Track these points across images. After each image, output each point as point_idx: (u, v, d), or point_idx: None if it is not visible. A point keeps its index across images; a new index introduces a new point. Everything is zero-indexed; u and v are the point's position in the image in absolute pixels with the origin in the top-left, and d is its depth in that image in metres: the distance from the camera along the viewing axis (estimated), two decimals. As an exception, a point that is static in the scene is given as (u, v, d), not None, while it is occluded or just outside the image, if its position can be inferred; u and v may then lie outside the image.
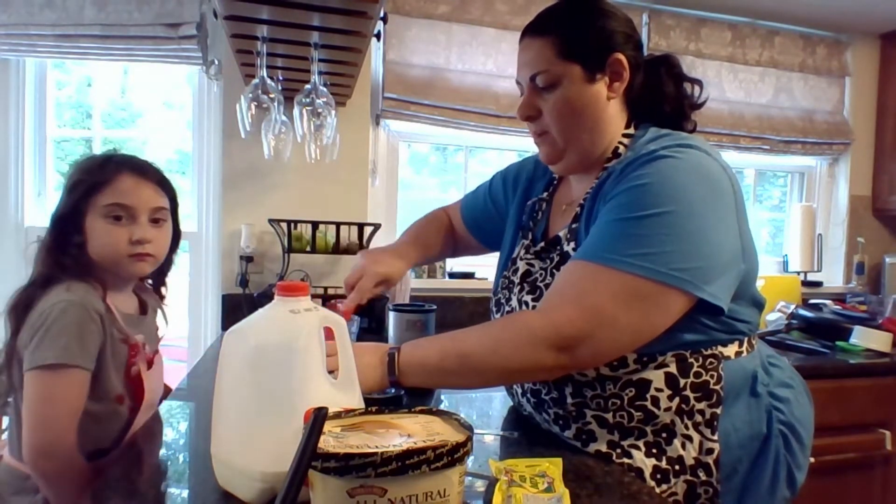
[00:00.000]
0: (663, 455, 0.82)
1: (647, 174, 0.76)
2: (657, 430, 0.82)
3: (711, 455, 0.81)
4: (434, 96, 2.16)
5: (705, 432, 0.81)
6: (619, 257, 0.73)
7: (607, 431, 0.84)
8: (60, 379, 0.93)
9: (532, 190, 1.09)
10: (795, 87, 2.67)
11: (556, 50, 0.84)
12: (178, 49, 1.95)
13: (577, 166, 0.91)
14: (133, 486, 0.78)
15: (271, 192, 2.01)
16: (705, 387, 0.81)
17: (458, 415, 0.63)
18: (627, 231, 0.74)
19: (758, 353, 0.88)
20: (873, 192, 2.79)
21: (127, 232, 1.02)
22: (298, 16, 1.23)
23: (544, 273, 0.90)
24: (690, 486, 0.81)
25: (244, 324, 0.73)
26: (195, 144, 2.14)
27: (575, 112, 0.85)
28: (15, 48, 1.95)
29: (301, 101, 1.52)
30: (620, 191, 0.77)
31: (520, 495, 0.64)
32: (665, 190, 0.74)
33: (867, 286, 2.75)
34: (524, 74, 0.88)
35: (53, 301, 0.95)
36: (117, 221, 1.01)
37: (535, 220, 1.02)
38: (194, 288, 2.17)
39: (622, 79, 0.86)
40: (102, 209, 1.00)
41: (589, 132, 0.87)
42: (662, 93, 0.90)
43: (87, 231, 1.01)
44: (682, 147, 0.78)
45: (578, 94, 0.84)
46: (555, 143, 0.89)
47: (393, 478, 0.52)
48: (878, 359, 1.91)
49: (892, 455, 1.87)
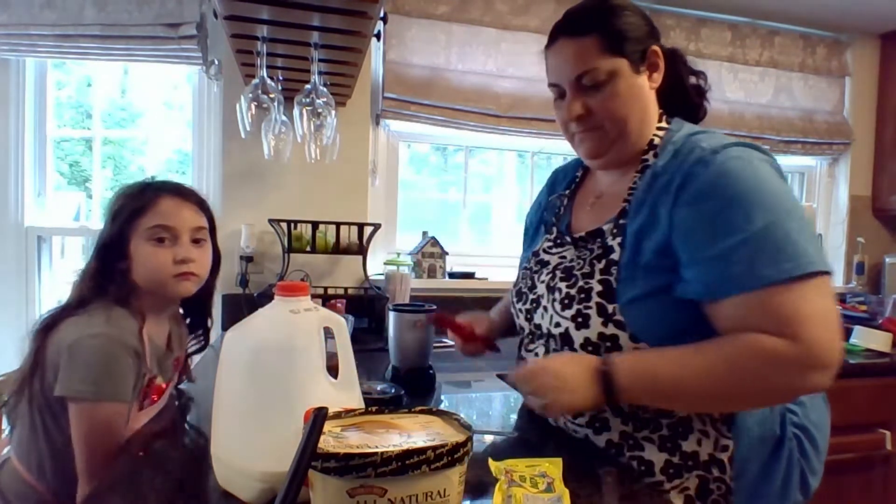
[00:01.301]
0: (677, 450, 0.82)
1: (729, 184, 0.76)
2: (673, 424, 0.82)
3: (726, 452, 0.82)
4: (434, 96, 2.16)
5: (721, 429, 0.82)
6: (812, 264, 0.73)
7: (621, 421, 0.84)
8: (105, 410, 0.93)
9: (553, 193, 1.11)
10: (795, 87, 2.67)
11: (601, 47, 0.85)
12: (178, 49, 1.95)
13: (619, 160, 0.92)
14: (133, 486, 0.77)
15: (271, 192, 2.01)
16: None
17: (458, 415, 0.63)
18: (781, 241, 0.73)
19: None
20: (873, 192, 2.79)
21: (171, 252, 1.03)
22: (298, 16, 1.23)
23: (583, 263, 0.89)
24: (703, 481, 0.81)
25: (244, 324, 0.73)
26: (195, 144, 2.14)
27: (626, 104, 0.87)
28: (15, 48, 1.95)
29: (301, 101, 1.52)
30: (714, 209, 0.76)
31: (520, 495, 0.64)
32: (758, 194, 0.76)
33: (867, 286, 2.75)
34: (567, 75, 0.88)
35: (95, 331, 0.94)
36: (160, 243, 1.03)
37: (558, 216, 1.04)
38: (194, 288, 2.16)
39: (659, 69, 0.89)
40: (146, 232, 1.02)
41: (638, 123, 0.88)
42: (684, 83, 0.94)
43: (132, 255, 1.02)
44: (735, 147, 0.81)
45: (628, 87, 0.86)
46: (604, 137, 0.89)
47: (393, 478, 0.52)
48: (878, 359, 1.91)
49: (892, 455, 1.87)
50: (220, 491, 0.72)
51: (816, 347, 0.71)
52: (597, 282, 0.85)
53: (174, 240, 1.04)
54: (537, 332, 0.96)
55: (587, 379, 0.78)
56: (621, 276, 0.83)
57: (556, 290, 0.91)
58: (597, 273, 0.85)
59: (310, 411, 0.63)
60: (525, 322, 0.99)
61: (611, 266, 0.84)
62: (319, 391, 0.69)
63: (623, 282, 0.82)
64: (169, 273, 1.03)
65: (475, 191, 2.61)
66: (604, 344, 0.84)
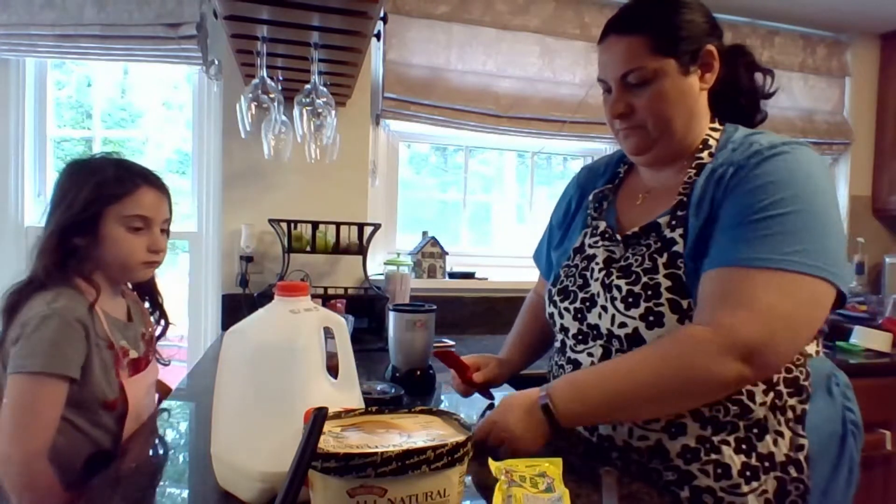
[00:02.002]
0: (753, 451, 0.80)
1: (772, 171, 0.77)
2: (749, 426, 0.81)
3: (802, 451, 0.80)
4: (434, 96, 2.16)
5: (796, 428, 0.81)
6: (777, 256, 0.72)
7: (700, 426, 0.81)
8: (41, 388, 0.93)
9: (586, 194, 1.07)
10: (795, 87, 2.67)
11: (650, 47, 0.83)
12: (178, 49, 1.95)
13: (665, 157, 0.90)
14: (133, 487, 0.77)
15: (271, 192, 2.01)
16: (796, 382, 0.82)
17: (458, 415, 0.64)
18: (773, 229, 0.73)
19: (826, 356, 0.90)
20: (873, 192, 2.79)
21: (144, 241, 1.07)
22: (298, 16, 1.23)
23: (641, 259, 0.86)
24: (781, 483, 0.80)
25: (244, 324, 0.73)
26: (195, 144, 2.14)
27: (671, 105, 0.85)
28: (15, 48, 1.95)
29: (301, 101, 1.52)
30: (747, 189, 0.77)
31: (520, 495, 0.64)
32: (797, 186, 0.75)
33: (867, 286, 2.75)
34: (614, 72, 0.87)
35: (38, 309, 0.96)
36: (135, 231, 1.06)
37: (601, 211, 1.00)
38: (194, 288, 2.17)
39: (713, 69, 0.87)
40: (123, 218, 1.04)
41: (683, 124, 0.87)
42: (739, 86, 0.91)
43: (103, 236, 1.04)
44: (792, 144, 0.80)
45: (674, 88, 0.85)
46: (647, 135, 0.88)
47: (393, 478, 0.52)
48: (878, 359, 1.91)
49: (892, 455, 1.87)
50: (220, 491, 0.72)
51: (734, 334, 0.70)
52: (663, 277, 0.82)
53: (147, 229, 1.08)
54: (592, 332, 0.91)
55: (533, 421, 0.80)
56: (688, 269, 0.80)
57: (614, 288, 0.87)
58: (661, 268, 0.83)
59: (310, 411, 0.63)
60: (574, 322, 0.94)
61: (676, 259, 0.82)
62: (319, 391, 0.69)
63: (691, 275, 0.80)
64: (139, 259, 1.07)
65: (475, 191, 2.61)
66: None
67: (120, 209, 1.04)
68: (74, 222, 1.02)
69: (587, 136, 2.35)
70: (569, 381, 0.82)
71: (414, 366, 1.27)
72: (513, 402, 0.83)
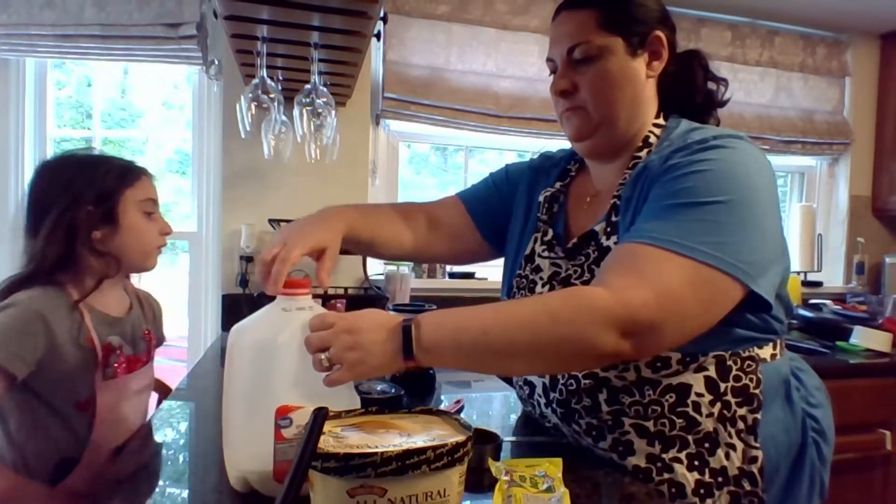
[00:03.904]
0: (706, 467, 0.77)
1: (707, 160, 0.73)
2: (700, 440, 0.78)
3: (755, 463, 0.77)
4: (434, 96, 2.16)
5: (748, 439, 0.78)
6: (691, 244, 0.68)
7: (647, 443, 0.79)
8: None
9: (538, 184, 1.03)
10: (795, 87, 2.66)
11: (599, 22, 0.82)
12: (178, 49, 1.95)
13: (606, 147, 0.88)
14: (134, 487, 0.78)
15: (271, 192, 2.01)
16: (745, 391, 0.78)
17: (458, 415, 0.64)
18: (695, 217, 0.70)
19: (787, 358, 0.86)
20: (873, 192, 2.79)
21: (157, 225, 1.10)
22: (298, 16, 1.23)
23: (580, 270, 0.85)
24: (734, 497, 0.77)
25: (246, 322, 0.74)
26: (195, 144, 2.14)
27: (615, 85, 0.83)
28: (15, 48, 1.95)
29: (301, 101, 1.52)
30: (678, 175, 0.74)
31: (520, 495, 0.64)
32: (727, 177, 0.72)
33: (867, 286, 2.75)
34: (561, 47, 0.85)
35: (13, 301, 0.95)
36: (149, 216, 1.09)
37: (552, 214, 0.96)
38: (194, 288, 2.17)
39: (661, 58, 0.85)
40: (138, 203, 1.06)
41: (626, 109, 0.84)
42: (694, 84, 0.88)
43: (123, 226, 1.04)
44: (733, 137, 0.76)
45: (619, 68, 0.82)
46: (588, 117, 0.85)
47: (393, 478, 0.52)
48: (878, 359, 1.91)
49: (892, 455, 1.87)
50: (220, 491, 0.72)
51: (627, 307, 0.65)
52: None
53: (156, 213, 1.11)
54: None
55: (388, 341, 0.68)
56: None
57: None
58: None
59: (282, 408, 0.64)
60: None
61: None
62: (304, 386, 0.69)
63: None
64: (155, 244, 1.10)
65: (475, 191, 2.61)
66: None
67: (134, 194, 1.06)
68: (91, 215, 1.01)
69: (587, 136, 2.35)
70: (444, 313, 0.72)
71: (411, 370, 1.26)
72: (374, 313, 0.72)
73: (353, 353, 0.66)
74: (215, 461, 0.79)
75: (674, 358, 0.76)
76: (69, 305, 0.99)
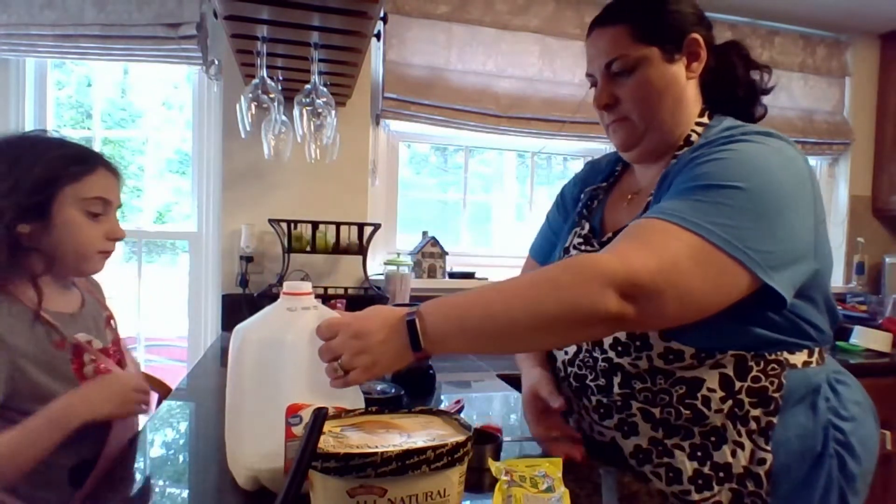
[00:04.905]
0: (708, 459, 0.78)
1: (727, 150, 0.74)
2: (706, 433, 0.78)
3: (763, 466, 0.77)
4: (434, 96, 2.16)
5: (758, 441, 0.77)
6: (700, 222, 0.68)
7: (651, 427, 0.80)
8: None
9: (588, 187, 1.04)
10: (795, 87, 2.67)
11: (632, 35, 0.83)
12: (178, 49, 1.95)
13: (654, 151, 0.88)
14: (133, 487, 0.78)
15: (271, 192, 2.01)
16: (763, 393, 0.77)
17: (458, 415, 0.64)
18: (707, 198, 0.70)
19: (826, 368, 0.84)
20: (873, 192, 2.79)
21: (103, 228, 0.97)
22: (298, 16, 1.23)
23: None
24: (736, 495, 0.77)
25: (249, 322, 0.74)
26: (195, 144, 2.14)
27: (655, 93, 0.84)
28: (15, 48, 1.95)
29: (301, 101, 1.52)
30: (699, 163, 0.74)
31: (520, 495, 0.64)
32: (746, 166, 0.71)
33: (867, 286, 2.75)
34: (599, 63, 0.87)
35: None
36: (94, 217, 0.96)
37: (591, 209, 0.98)
38: (194, 288, 2.17)
39: (700, 58, 0.85)
40: (82, 202, 0.94)
41: (670, 113, 0.85)
42: (735, 76, 0.88)
43: (55, 223, 0.92)
44: (762, 135, 0.76)
45: (659, 76, 0.83)
46: (634, 128, 0.87)
47: (393, 478, 0.52)
48: (878, 359, 1.91)
49: (892, 455, 1.87)
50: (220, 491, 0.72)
51: (628, 266, 0.64)
52: None
53: (105, 215, 0.98)
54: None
55: (394, 338, 0.68)
56: None
57: None
58: None
59: (292, 406, 0.64)
60: None
61: None
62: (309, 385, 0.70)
63: None
64: (96, 248, 0.97)
65: (475, 191, 2.61)
66: (633, 343, 0.79)
67: (78, 190, 0.93)
68: (21, 207, 0.89)
69: (587, 136, 2.35)
70: (446, 300, 0.71)
71: (414, 366, 1.26)
72: (378, 311, 0.72)
73: (363, 358, 0.67)
74: (215, 461, 0.79)
75: (687, 352, 0.76)
76: (25, 314, 0.91)
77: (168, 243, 1.59)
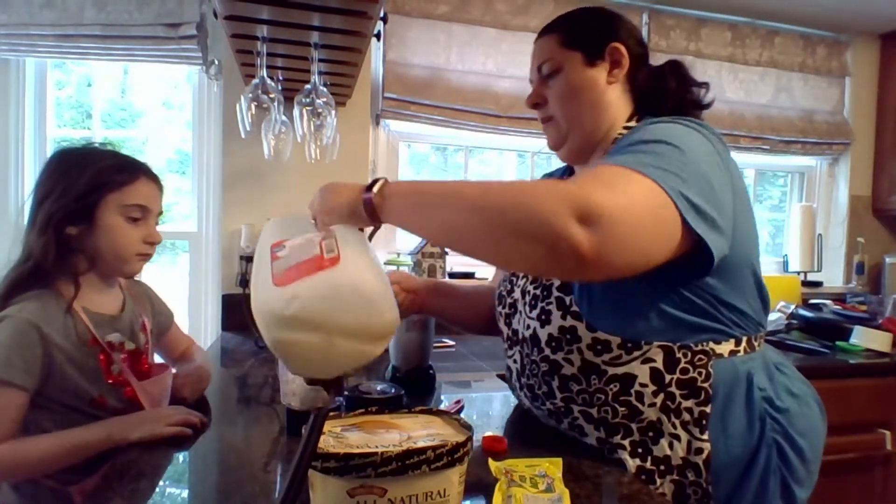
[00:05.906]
0: (649, 455, 0.82)
1: (653, 128, 0.78)
2: (643, 429, 0.82)
3: (701, 455, 0.80)
4: (434, 96, 2.16)
5: (694, 431, 0.80)
6: (645, 168, 0.68)
7: (594, 428, 0.85)
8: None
9: None
10: (795, 87, 2.67)
11: (561, 41, 0.93)
12: (178, 49, 1.95)
13: (579, 151, 0.95)
14: (133, 486, 0.78)
15: (271, 192, 2.01)
16: (692, 384, 0.80)
17: (458, 415, 0.64)
18: (643, 150, 0.72)
19: (760, 357, 0.86)
20: (873, 192, 2.79)
21: (141, 231, 1.06)
22: (298, 16, 1.23)
23: None
24: (678, 486, 0.80)
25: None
26: (195, 144, 2.14)
27: (574, 94, 0.91)
28: (15, 48, 1.95)
29: (301, 101, 1.52)
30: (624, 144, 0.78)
31: (520, 495, 0.64)
32: (665, 133, 0.75)
33: (867, 286, 2.75)
34: (533, 66, 0.97)
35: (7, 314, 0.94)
36: (133, 222, 1.05)
37: None
38: (194, 288, 2.17)
39: (621, 66, 0.91)
40: (122, 207, 1.03)
41: (589, 114, 0.91)
42: (665, 88, 0.94)
43: (99, 226, 1.02)
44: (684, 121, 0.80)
45: (579, 78, 0.91)
46: (559, 127, 0.94)
47: (393, 478, 0.52)
48: (878, 359, 1.91)
49: (892, 455, 1.87)
50: (219, 491, 0.72)
51: (588, 194, 0.63)
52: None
53: (144, 220, 1.07)
54: (514, 337, 0.96)
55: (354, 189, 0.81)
56: None
57: (526, 294, 0.92)
58: None
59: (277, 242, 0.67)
60: (505, 326, 1.00)
61: None
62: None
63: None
64: (134, 251, 1.06)
65: (475, 191, 2.60)
66: (564, 337, 0.84)
67: (120, 198, 1.03)
68: (69, 210, 1.00)
69: (587, 136, 2.36)
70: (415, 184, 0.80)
71: (414, 366, 1.27)
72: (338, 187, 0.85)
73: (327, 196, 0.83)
74: (215, 461, 0.79)
75: (613, 342, 0.80)
76: (62, 309, 0.99)
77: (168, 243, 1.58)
